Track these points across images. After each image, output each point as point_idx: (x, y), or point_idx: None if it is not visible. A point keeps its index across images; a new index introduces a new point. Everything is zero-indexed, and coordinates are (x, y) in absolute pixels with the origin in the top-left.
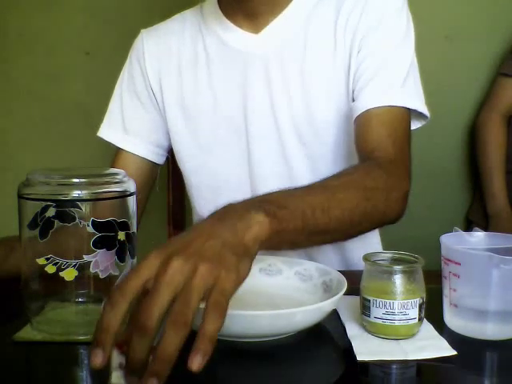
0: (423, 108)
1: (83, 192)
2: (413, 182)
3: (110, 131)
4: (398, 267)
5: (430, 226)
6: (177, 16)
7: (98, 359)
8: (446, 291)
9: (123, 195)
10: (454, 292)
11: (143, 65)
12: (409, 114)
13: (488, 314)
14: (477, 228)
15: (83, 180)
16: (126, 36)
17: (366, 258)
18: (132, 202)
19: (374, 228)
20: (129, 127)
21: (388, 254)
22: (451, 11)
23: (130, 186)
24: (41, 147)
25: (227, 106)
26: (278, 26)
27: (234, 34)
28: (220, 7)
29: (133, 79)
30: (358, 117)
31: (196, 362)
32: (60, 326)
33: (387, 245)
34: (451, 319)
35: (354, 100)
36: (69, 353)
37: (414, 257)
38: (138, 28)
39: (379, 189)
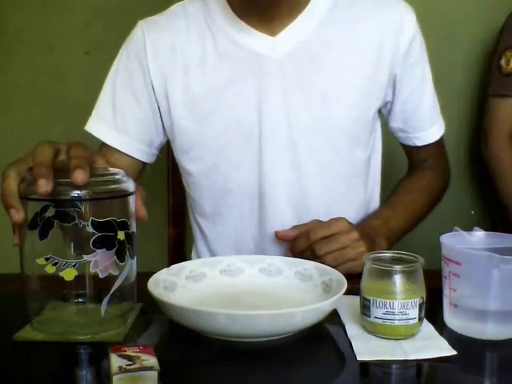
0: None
1: (83, 192)
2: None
3: (100, 127)
4: (398, 267)
5: (430, 226)
6: (177, 8)
7: None
8: (445, 291)
9: (123, 195)
10: (454, 292)
11: (144, 61)
12: None
13: (488, 313)
14: (477, 228)
15: None
16: (126, 36)
17: (366, 258)
18: (132, 201)
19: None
20: (121, 125)
21: (388, 254)
22: (451, 11)
23: (130, 186)
24: None
25: (240, 107)
26: (295, 29)
27: (249, 36)
28: (231, 7)
29: (130, 75)
30: (426, 145)
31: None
32: (60, 326)
33: None
34: (451, 319)
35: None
36: (69, 353)
37: (414, 257)
38: None
39: (438, 186)
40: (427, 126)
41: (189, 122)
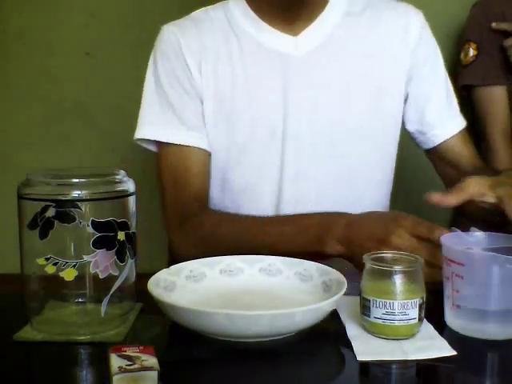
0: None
1: (83, 192)
2: (413, 182)
3: (165, 131)
4: (398, 267)
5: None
6: (199, 14)
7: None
8: (447, 292)
9: (123, 195)
10: (457, 293)
11: (183, 60)
12: None
13: (491, 314)
14: (474, 228)
15: (83, 180)
16: (126, 36)
17: (366, 258)
18: (132, 202)
19: None
20: (188, 123)
21: (388, 254)
22: (451, 11)
23: (130, 186)
24: (41, 147)
25: (265, 105)
26: (316, 29)
27: (271, 36)
28: (252, 9)
29: (175, 75)
30: (446, 141)
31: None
32: (60, 326)
33: None
34: (453, 320)
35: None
36: (69, 353)
37: (414, 257)
38: (137, 28)
39: None
40: (444, 120)
41: (218, 115)
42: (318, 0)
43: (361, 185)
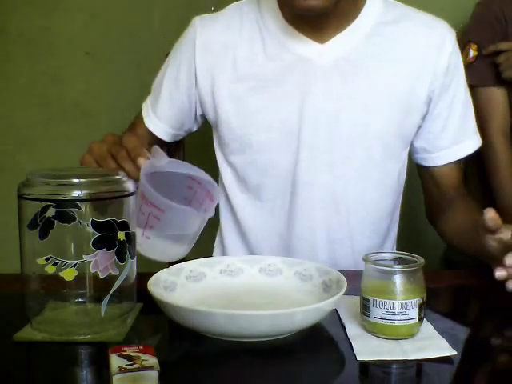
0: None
1: (83, 192)
2: (415, 185)
3: (146, 111)
4: (398, 267)
5: (429, 226)
6: (233, 7)
7: None
8: (141, 223)
9: (123, 195)
10: (151, 228)
11: (192, 58)
12: None
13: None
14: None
15: (83, 180)
16: (126, 36)
17: (366, 258)
18: (132, 202)
19: None
20: (159, 111)
21: (388, 254)
22: (455, 10)
23: (130, 186)
24: (41, 147)
25: (283, 109)
26: (344, 39)
27: (298, 41)
28: (282, 11)
29: (178, 68)
30: (448, 163)
31: None
32: (60, 325)
33: None
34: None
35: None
36: (69, 353)
37: (414, 257)
38: (137, 28)
39: None
40: (453, 145)
41: (234, 117)
42: (345, 11)
43: (376, 190)
